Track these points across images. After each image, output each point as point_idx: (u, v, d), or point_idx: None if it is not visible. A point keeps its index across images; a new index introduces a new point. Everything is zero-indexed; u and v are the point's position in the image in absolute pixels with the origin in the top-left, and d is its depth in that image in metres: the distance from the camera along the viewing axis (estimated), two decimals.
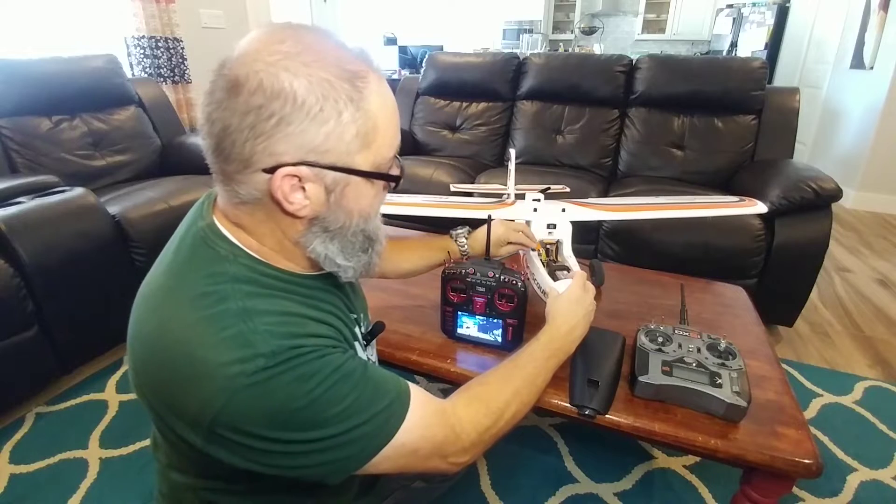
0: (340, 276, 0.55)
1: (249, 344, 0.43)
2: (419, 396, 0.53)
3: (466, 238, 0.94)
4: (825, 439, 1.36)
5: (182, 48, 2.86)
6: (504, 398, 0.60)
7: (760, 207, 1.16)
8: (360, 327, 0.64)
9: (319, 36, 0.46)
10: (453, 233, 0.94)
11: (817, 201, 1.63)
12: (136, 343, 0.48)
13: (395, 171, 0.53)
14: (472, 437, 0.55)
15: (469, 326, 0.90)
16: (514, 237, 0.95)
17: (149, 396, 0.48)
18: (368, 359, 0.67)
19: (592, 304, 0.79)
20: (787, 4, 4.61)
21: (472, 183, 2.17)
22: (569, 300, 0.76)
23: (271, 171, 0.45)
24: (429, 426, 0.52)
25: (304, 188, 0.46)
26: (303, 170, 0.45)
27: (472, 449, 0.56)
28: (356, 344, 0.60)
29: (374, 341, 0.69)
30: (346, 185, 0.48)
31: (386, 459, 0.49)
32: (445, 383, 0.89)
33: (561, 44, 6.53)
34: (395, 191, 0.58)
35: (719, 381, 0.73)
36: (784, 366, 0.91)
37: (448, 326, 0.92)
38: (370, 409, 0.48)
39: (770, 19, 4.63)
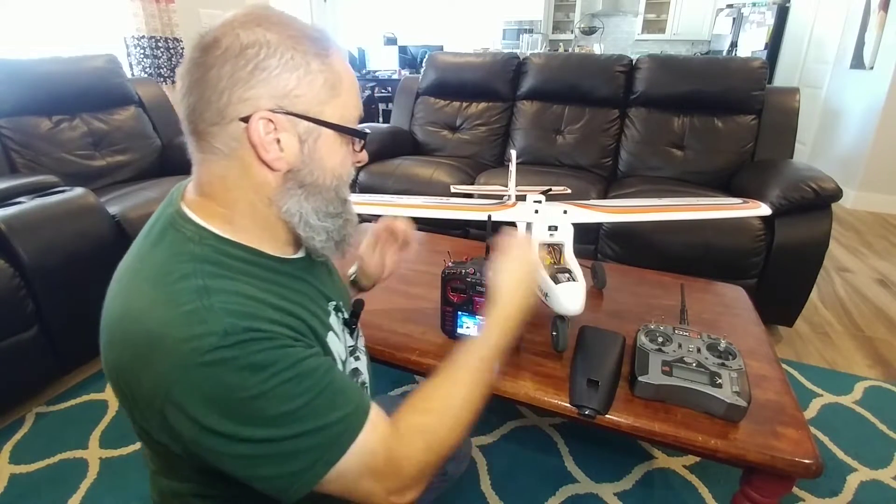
0: (315, 241, 0.54)
1: (203, 321, 0.42)
2: (374, 417, 0.49)
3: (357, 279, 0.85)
4: (825, 439, 1.36)
5: (182, 48, 2.87)
6: (446, 427, 0.53)
7: (764, 210, 1.16)
8: (341, 313, 0.63)
9: (288, 14, 0.50)
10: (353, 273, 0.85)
11: (817, 201, 1.63)
12: (104, 327, 0.48)
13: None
14: (412, 474, 0.51)
15: (469, 326, 0.90)
16: (377, 228, 0.83)
17: (117, 382, 0.47)
18: (355, 347, 0.66)
19: (532, 269, 0.68)
20: (787, 4, 4.61)
21: (472, 183, 2.17)
22: (511, 278, 0.66)
23: (247, 119, 0.47)
24: (375, 453, 0.48)
25: (278, 140, 0.48)
26: (278, 117, 0.47)
27: (414, 486, 0.51)
28: (330, 333, 0.57)
29: (358, 327, 0.68)
30: (318, 136, 0.50)
31: (333, 481, 0.46)
32: None
33: (561, 44, 6.53)
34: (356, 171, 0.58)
35: (719, 381, 0.73)
36: (784, 366, 0.91)
37: (448, 326, 0.92)
38: (324, 416, 0.46)
39: (770, 19, 4.63)
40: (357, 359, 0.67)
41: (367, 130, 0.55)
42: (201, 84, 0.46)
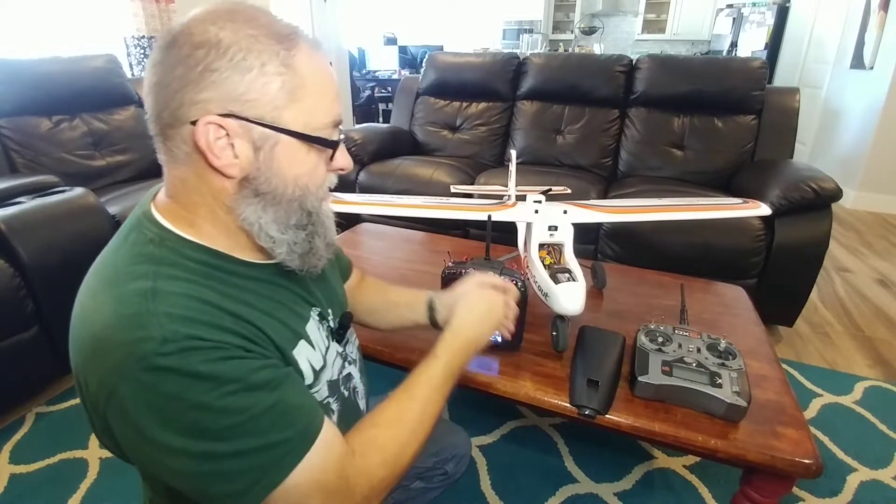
0: (276, 253, 0.51)
1: (142, 326, 0.41)
2: (327, 436, 0.47)
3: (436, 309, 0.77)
4: (825, 439, 1.36)
5: None
6: (400, 442, 0.53)
7: (764, 210, 1.16)
8: (326, 321, 0.61)
9: (257, 9, 0.47)
10: (435, 298, 0.78)
11: (817, 201, 1.63)
12: (69, 336, 0.47)
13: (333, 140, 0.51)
14: (364, 492, 0.49)
15: None
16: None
17: (75, 382, 0.46)
18: (347, 356, 0.65)
19: (499, 325, 0.69)
20: (787, 4, 4.61)
21: (472, 183, 2.17)
22: (481, 316, 0.67)
23: (196, 124, 0.45)
24: (325, 472, 0.46)
25: (232, 145, 0.46)
26: (229, 122, 0.45)
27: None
28: (301, 343, 0.54)
29: (348, 335, 0.66)
30: (275, 143, 0.47)
31: (278, 499, 0.44)
32: None
33: (561, 44, 6.53)
34: (341, 178, 0.55)
35: (719, 381, 0.73)
36: (784, 366, 0.91)
37: None
38: (267, 435, 0.43)
39: (770, 19, 4.63)
40: (350, 363, 0.66)
41: (338, 137, 0.51)
42: (159, 85, 0.45)
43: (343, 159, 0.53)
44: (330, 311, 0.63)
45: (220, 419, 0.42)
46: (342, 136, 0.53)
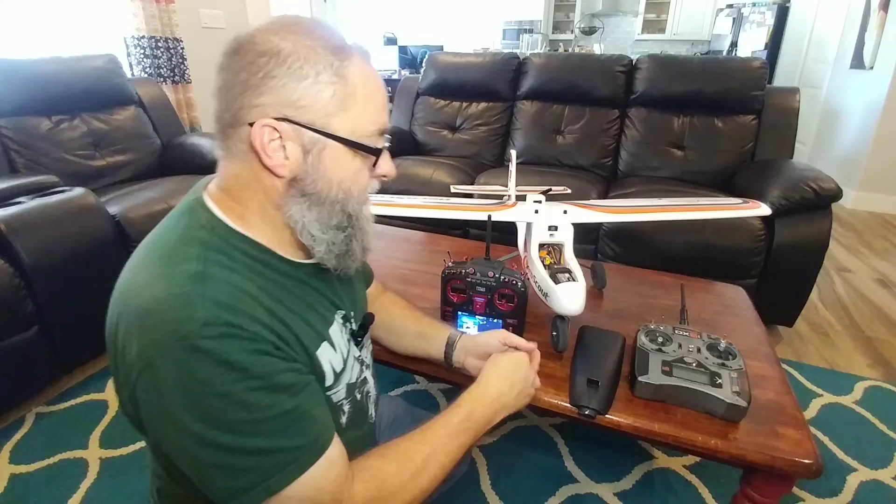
0: (315, 251, 0.53)
1: (189, 306, 0.43)
2: (332, 455, 0.48)
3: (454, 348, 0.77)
4: (825, 439, 1.36)
5: (182, 48, 2.86)
6: (402, 480, 0.53)
7: (764, 210, 1.16)
8: (349, 324, 0.63)
9: (317, 21, 0.51)
10: (455, 338, 0.78)
11: (817, 201, 1.63)
12: (113, 293, 0.49)
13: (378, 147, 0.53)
14: None
15: (469, 326, 0.90)
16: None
17: (110, 348, 0.48)
18: (363, 360, 0.66)
19: (528, 385, 0.69)
20: (787, 4, 4.61)
21: (472, 183, 2.17)
22: (508, 371, 0.67)
23: (253, 125, 0.48)
24: (321, 491, 0.47)
25: (284, 147, 0.49)
26: (283, 125, 0.48)
27: None
28: (324, 345, 0.55)
29: (367, 339, 0.67)
30: (323, 147, 0.50)
31: None
32: (445, 383, 0.89)
33: (561, 44, 6.53)
34: (383, 184, 0.58)
35: (719, 381, 0.73)
36: (784, 366, 0.91)
37: None
38: (279, 439, 0.45)
39: (770, 19, 4.63)
40: (366, 368, 0.67)
41: (383, 145, 0.54)
42: (223, 88, 0.49)
43: (386, 166, 0.56)
44: (353, 313, 0.64)
45: (239, 412, 0.44)
46: (387, 144, 0.55)
